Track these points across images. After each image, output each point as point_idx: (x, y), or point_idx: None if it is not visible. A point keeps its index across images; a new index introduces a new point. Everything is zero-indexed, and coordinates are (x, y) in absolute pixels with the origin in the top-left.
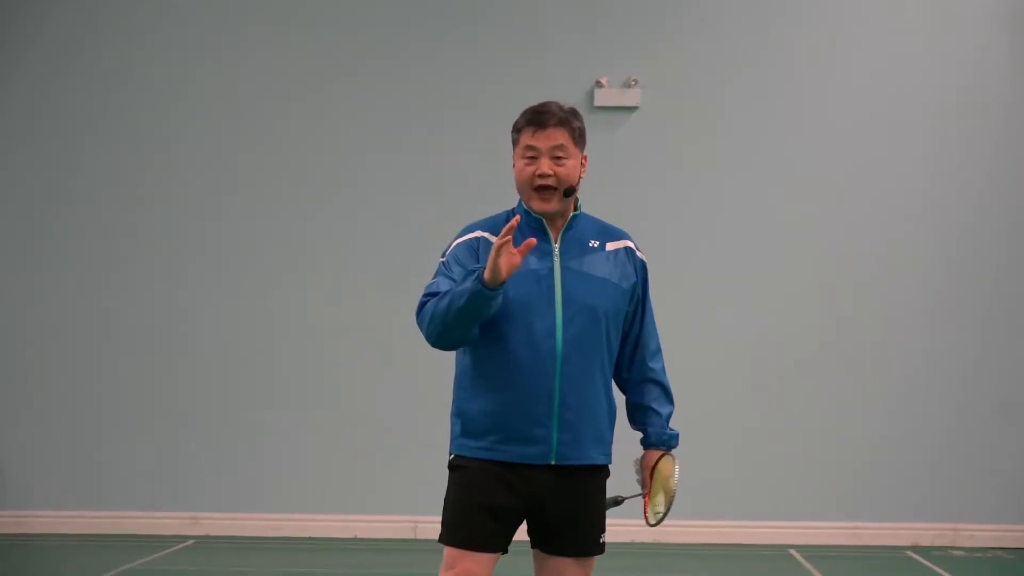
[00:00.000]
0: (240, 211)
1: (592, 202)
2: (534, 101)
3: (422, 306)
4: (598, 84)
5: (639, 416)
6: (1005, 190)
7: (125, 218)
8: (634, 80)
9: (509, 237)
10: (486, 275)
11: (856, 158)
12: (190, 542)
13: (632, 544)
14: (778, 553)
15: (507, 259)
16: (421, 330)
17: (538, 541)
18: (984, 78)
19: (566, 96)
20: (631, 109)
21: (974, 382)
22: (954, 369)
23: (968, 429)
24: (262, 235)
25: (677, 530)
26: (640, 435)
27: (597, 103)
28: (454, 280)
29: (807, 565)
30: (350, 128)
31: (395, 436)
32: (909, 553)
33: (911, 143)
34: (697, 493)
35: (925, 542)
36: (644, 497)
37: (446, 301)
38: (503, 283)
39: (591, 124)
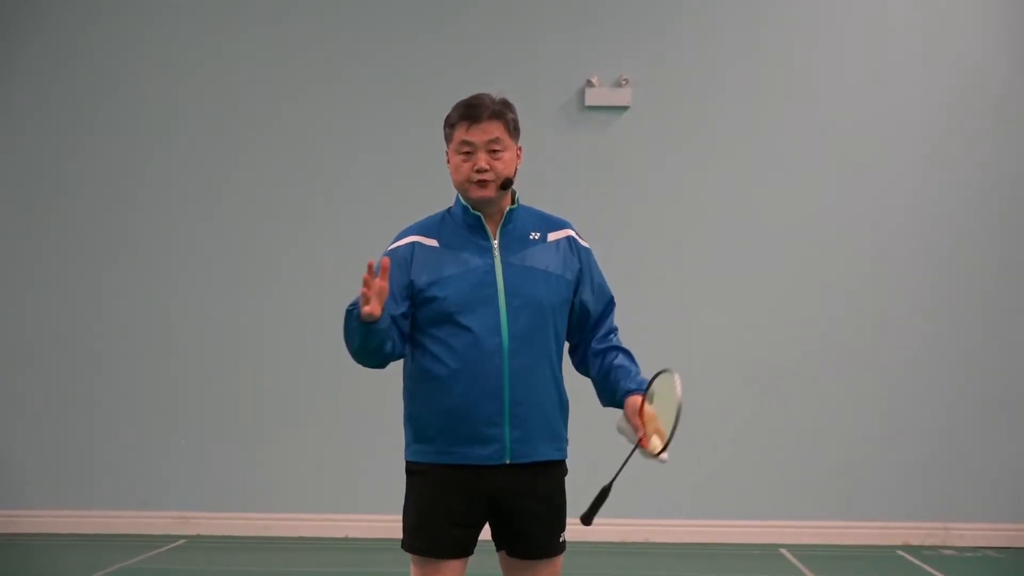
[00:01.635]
0: (232, 212)
1: (583, 201)
2: (525, 101)
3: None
4: (589, 83)
5: (610, 379)
6: (998, 191)
7: (118, 218)
8: (625, 79)
9: (366, 290)
10: (364, 316)
11: (848, 157)
12: (181, 542)
13: (622, 544)
14: (769, 552)
15: (376, 299)
16: None
17: (502, 544)
18: (977, 77)
19: (556, 95)
20: (622, 108)
21: (965, 382)
22: (946, 368)
23: (959, 428)
24: (254, 236)
25: (667, 529)
26: (616, 399)
27: (588, 102)
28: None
29: (798, 564)
30: (341, 129)
31: (385, 435)
32: (900, 552)
33: (903, 143)
34: (688, 492)
35: (916, 541)
36: (641, 443)
37: (345, 335)
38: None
39: (581, 123)
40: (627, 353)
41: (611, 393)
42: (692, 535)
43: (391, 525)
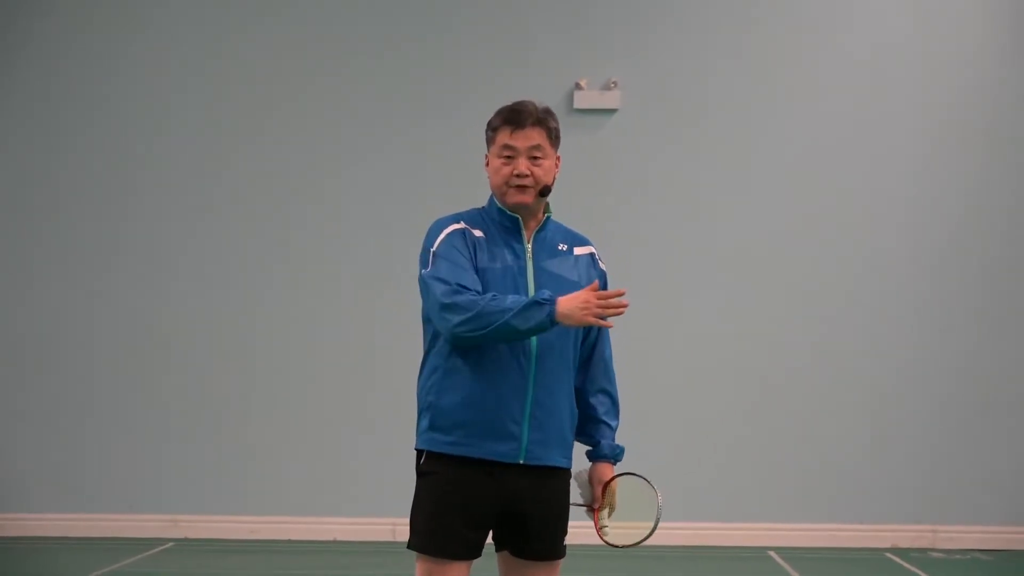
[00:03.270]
0: (223, 214)
1: (572, 204)
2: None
3: (453, 292)
4: (577, 86)
5: (590, 428)
6: (991, 193)
7: (110, 223)
8: (613, 82)
9: (600, 309)
10: (560, 306)
11: (839, 160)
12: (169, 544)
13: (611, 547)
14: (758, 555)
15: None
16: (450, 320)
17: (506, 544)
18: (970, 80)
19: (545, 98)
20: (610, 111)
21: (955, 385)
22: (935, 373)
23: (948, 431)
24: (244, 238)
25: (657, 532)
26: (587, 446)
27: (576, 105)
28: (465, 266)
29: (787, 567)
30: (333, 130)
31: (374, 439)
32: (888, 555)
33: (897, 146)
34: (678, 495)
35: (904, 544)
36: (595, 511)
37: (498, 305)
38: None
39: (570, 126)
40: (614, 401)
41: (584, 438)
42: (681, 538)
43: (378, 528)
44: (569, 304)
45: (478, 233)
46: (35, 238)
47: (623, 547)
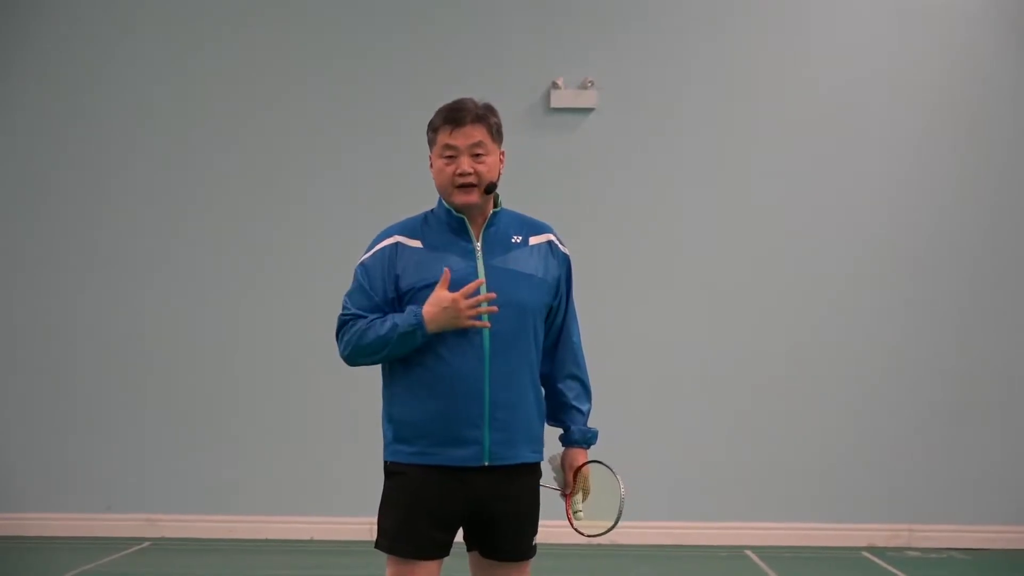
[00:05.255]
0: (204, 217)
1: (548, 203)
2: (491, 103)
3: (343, 324)
4: (554, 85)
5: (560, 414)
6: (972, 195)
7: (89, 222)
8: (590, 81)
9: (472, 312)
10: (429, 325)
11: (819, 160)
12: (146, 544)
13: (587, 547)
14: (734, 554)
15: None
16: (338, 345)
17: (476, 545)
18: (954, 82)
19: (522, 97)
20: (587, 111)
21: (933, 386)
22: (912, 372)
23: (924, 431)
24: (225, 240)
25: (632, 531)
26: (559, 431)
27: (553, 104)
28: (369, 295)
29: (763, 566)
30: (310, 132)
31: (351, 439)
32: (865, 554)
33: (878, 149)
34: (653, 494)
35: (881, 543)
36: (566, 497)
37: (372, 336)
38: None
39: (547, 126)
40: (584, 385)
41: (556, 423)
42: (656, 537)
43: (356, 528)
44: (438, 318)
45: (414, 243)
46: (16, 239)
47: (589, 537)
